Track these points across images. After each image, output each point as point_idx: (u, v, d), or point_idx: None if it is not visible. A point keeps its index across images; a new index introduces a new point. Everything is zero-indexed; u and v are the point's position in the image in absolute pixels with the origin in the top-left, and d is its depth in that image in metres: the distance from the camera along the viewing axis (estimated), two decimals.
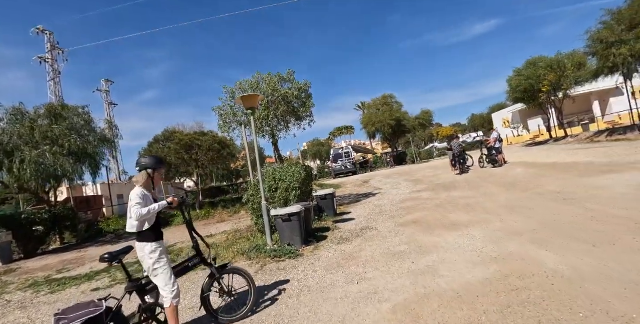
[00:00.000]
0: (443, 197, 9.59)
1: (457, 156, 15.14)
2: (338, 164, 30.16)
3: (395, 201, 10.66)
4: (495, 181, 10.73)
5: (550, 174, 10.07)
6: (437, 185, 12.50)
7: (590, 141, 19.42)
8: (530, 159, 15.85)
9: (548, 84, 20.49)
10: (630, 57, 15.56)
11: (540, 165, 12.77)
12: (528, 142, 30.17)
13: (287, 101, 10.27)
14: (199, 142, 15.45)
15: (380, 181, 19.07)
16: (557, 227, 4.90)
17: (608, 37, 16.49)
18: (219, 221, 15.73)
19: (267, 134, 10.57)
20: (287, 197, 8.36)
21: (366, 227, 7.42)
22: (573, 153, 14.99)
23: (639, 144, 14.35)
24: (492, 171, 13.61)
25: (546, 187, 8.17)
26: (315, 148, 65.90)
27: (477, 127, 63.45)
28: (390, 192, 13.24)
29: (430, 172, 18.66)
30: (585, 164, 10.97)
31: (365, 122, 35.76)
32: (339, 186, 20.53)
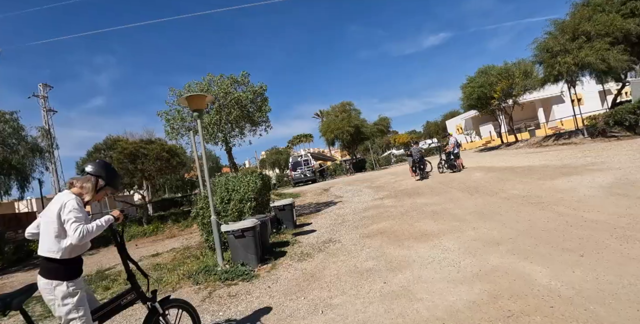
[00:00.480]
0: (407, 204, 9.21)
1: (417, 161, 15.02)
2: (297, 172, 29.46)
3: (358, 209, 10.16)
4: (458, 186, 10.56)
5: (510, 178, 10.03)
6: (400, 191, 12.19)
7: (539, 146, 20.23)
8: (486, 163, 16.09)
9: (499, 90, 21.23)
10: (574, 66, 16.34)
11: (497, 169, 12.86)
12: (481, 148, 31.23)
13: (240, 105, 9.48)
14: (145, 150, 14.10)
15: (341, 188, 18.61)
16: (535, 234, 4.55)
17: (553, 46, 17.28)
18: (168, 237, 14.46)
19: (220, 140, 9.68)
20: (241, 209, 7.56)
21: (329, 240, 6.79)
22: (526, 157, 15.37)
23: (584, 147, 15.00)
24: (452, 176, 13.55)
25: (511, 191, 8.00)
26: (274, 156, 64.84)
27: (432, 134, 65.52)
28: (351, 200, 12.75)
29: (391, 178, 18.49)
30: (541, 167, 11.11)
31: (324, 130, 35.45)
32: (298, 194, 19.85)
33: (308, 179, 29.66)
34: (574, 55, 16.39)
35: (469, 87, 23.05)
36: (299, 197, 18.05)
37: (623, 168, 7.85)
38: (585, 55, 16.06)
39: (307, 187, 25.09)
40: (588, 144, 16.14)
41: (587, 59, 15.99)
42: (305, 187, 25.37)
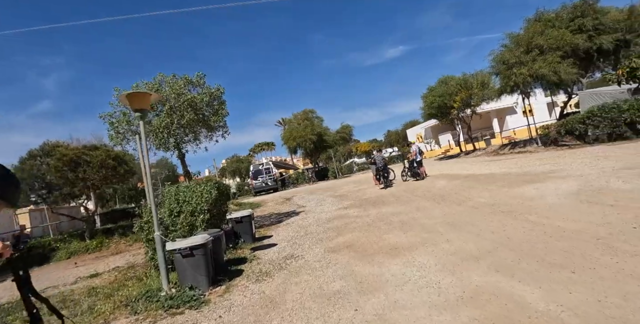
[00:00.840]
0: (373, 214, 8.78)
1: (380, 169, 14.79)
2: (258, 181, 28.55)
3: (322, 219, 9.61)
4: (423, 194, 10.31)
5: (475, 186, 9.92)
6: (364, 200, 11.79)
7: (496, 154, 20.79)
8: (448, 171, 16.16)
9: (459, 100, 21.72)
10: (529, 77, 16.94)
11: (460, 176, 12.84)
12: (440, 156, 31.90)
13: (195, 108, 8.69)
14: (87, 157, 12.74)
15: (304, 197, 18.03)
16: (514, 246, 4.20)
17: (509, 58, 17.87)
18: (114, 253, 13.14)
19: (172, 146, 8.81)
20: (192, 223, 6.77)
21: (291, 256, 6.17)
22: (486, 165, 15.59)
23: (539, 155, 15.45)
24: (415, 184, 13.39)
25: (477, 200, 7.79)
26: (235, 165, 63.15)
27: (393, 142, 66.80)
28: (315, 209, 12.19)
29: (354, 187, 18.16)
30: (503, 174, 11.14)
31: (286, 137, 34.85)
32: (259, 204, 19.03)
33: (269, 187, 28.84)
34: (528, 67, 17.01)
35: (430, 97, 23.46)
36: (260, 207, 17.26)
37: (584, 175, 7.88)
38: (539, 67, 16.71)
39: (268, 197, 24.25)
40: (542, 153, 16.68)
41: (540, 71, 16.64)
42: (267, 197, 24.53)
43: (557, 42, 17.25)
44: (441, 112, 23.82)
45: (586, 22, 18.47)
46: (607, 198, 5.56)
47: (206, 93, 9.19)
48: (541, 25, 18.45)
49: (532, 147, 19.19)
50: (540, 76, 16.79)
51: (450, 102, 22.23)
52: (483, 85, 21.61)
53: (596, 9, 18.77)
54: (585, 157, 11.30)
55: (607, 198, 5.56)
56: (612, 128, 14.57)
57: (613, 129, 14.56)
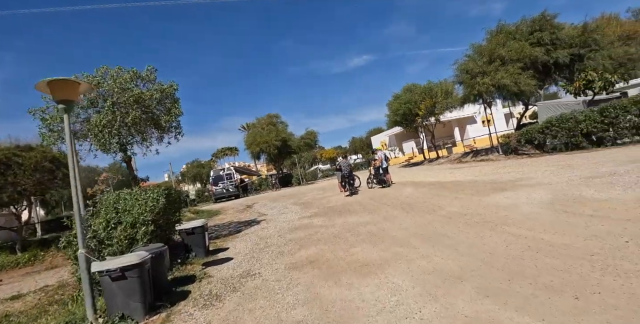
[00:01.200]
0: (339, 223, 8.19)
1: (346, 176, 14.31)
2: (219, 187, 27.29)
3: (284, 229, 8.89)
4: (391, 203, 9.87)
5: (443, 194, 9.61)
6: (329, 209, 11.20)
7: (459, 162, 21.01)
8: (414, 178, 15.97)
9: (423, 108, 21.85)
10: (492, 87, 17.22)
11: (427, 184, 12.59)
12: (404, 163, 32.10)
13: (143, 105, 7.75)
14: (19, 159, 11.19)
15: (266, 205, 17.19)
16: (500, 264, 3.72)
17: (473, 68, 18.13)
18: (48, 268, 11.65)
19: (114, 147, 7.76)
20: (132, 236, 5.84)
21: (247, 273, 5.41)
22: (450, 172, 15.54)
23: (501, 163, 15.62)
24: (382, 192, 12.99)
25: (448, 209, 7.41)
26: (195, 170, 60.84)
27: (357, 149, 67.15)
28: (277, 218, 11.44)
29: (319, 194, 17.57)
30: (469, 182, 10.97)
31: (249, 142, 33.80)
32: (219, 212, 17.96)
33: (231, 194, 27.66)
34: (491, 76, 17.29)
35: (395, 104, 23.48)
36: (219, 215, 16.23)
37: (553, 184, 7.73)
38: (501, 77, 17.02)
39: (229, 204, 23.12)
40: (504, 161, 16.92)
41: (502, 81, 16.95)
42: (227, 204, 23.39)
43: (518, 54, 17.71)
44: (406, 119, 23.91)
45: (544, 36, 19.14)
46: (584, 208, 5.29)
47: (157, 89, 8.26)
48: (503, 37, 18.94)
49: (493, 155, 19.52)
50: (502, 86, 17.12)
51: (415, 109, 22.32)
52: (447, 94, 21.88)
53: (553, 24, 19.54)
54: (548, 166, 11.38)
55: (584, 208, 5.29)
56: (569, 138, 14.98)
57: (570, 139, 14.98)
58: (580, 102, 16.55)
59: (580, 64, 19.45)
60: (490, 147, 21.45)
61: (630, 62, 19.34)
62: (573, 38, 19.54)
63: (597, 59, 18.52)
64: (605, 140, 14.01)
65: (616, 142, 13.94)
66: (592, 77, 14.94)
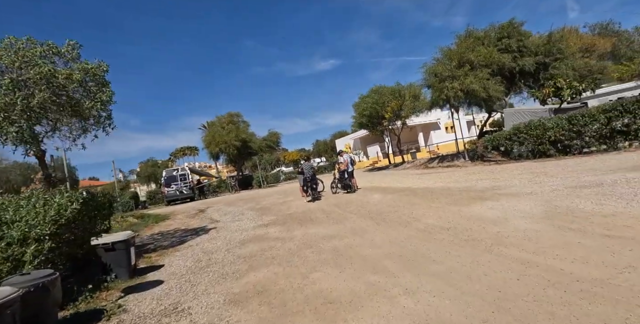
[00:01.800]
0: (299, 236, 6.99)
1: (308, 180, 13.13)
2: (171, 189, 25.20)
3: (234, 241, 7.56)
4: (358, 211, 8.81)
5: (415, 202, 8.67)
6: (289, 216, 9.98)
7: (425, 167, 20.48)
8: (380, 183, 15.10)
9: (390, 110, 21.17)
10: (460, 91, 16.75)
11: (395, 190, 11.69)
12: (369, 168, 31.48)
13: (55, 86, 6.16)
14: None
15: (220, 209, 15.65)
16: (519, 310, 2.67)
17: (442, 71, 17.62)
18: None
19: (12, 137, 6.05)
20: (18, 257, 4.32)
21: (174, 307, 4.07)
22: (419, 178, 14.81)
23: (470, 170, 15.11)
24: (347, 198, 11.94)
25: (425, 220, 6.43)
26: (150, 169, 57.34)
27: (321, 152, 66.38)
28: (229, 226, 10.06)
29: (279, 198, 16.29)
30: (442, 189, 10.16)
31: (208, 141, 31.85)
32: (167, 216, 16.16)
33: (185, 196, 25.65)
34: (460, 81, 16.84)
35: (362, 104, 22.67)
36: (166, 221, 14.50)
37: (538, 193, 6.97)
38: (470, 82, 16.60)
39: (181, 207, 21.23)
40: (471, 167, 16.47)
41: (472, 86, 16.53)
42: (179, 207, 21.49)
43: (486, 59, 17.41)
44: (372, 121, 23.17)
45: (512, 43, 19.06)
46: (592, 226, 4.43)
47: (80, 69, 6.67)
48: (472, 42, 18.65)
49: (459, 161, 19.13)
50: (471, 91, 16.71)
51: (382, 111, 21.62)
52: (415, 97, 21.35)
53: (520, 32, 19.54)
54: (522, 173, 10.81)
55: (592, 226, 4.43)
56: (537, 145, 14.71)
57: (537, 146, 14.71)
58: (547, 109, 16.45)
59: (545, 73, 19.56)
60: (455, 153, 21.14)
61: (590, 74, 19.72)
62: (538, 47, 19.63)
63: (562, 69, 18.64)
64: (572, 148, 13.81)
65: (582, 150, 13.79)
66: (561, 85, 14.80)
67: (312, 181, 13.11)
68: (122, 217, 15.35)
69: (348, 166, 13.65)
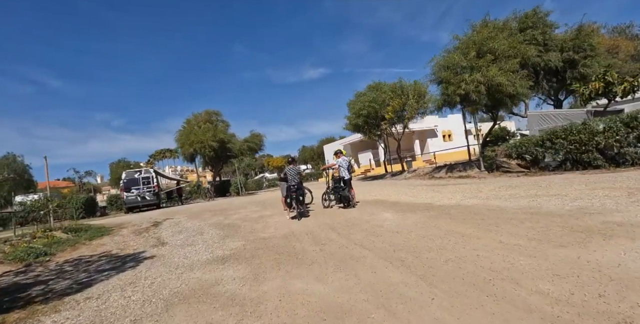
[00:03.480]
0: (271, 299, 3.71)
1: (293, 189, 9.83)
2: (132, 194, 21.47)
3: (159, 297, 4.25)
4: (372, 243, 5.58)
5: (463, 231, 5.49)
6: (262, 243, 6.69)
7: (431, 177, 17.44)
8: (385, 196, 11.95)
9: (392, 110, 18.09)
10: (482, 85, 13.81)
11: (413, 207, 8.55)
12: (361, 176, 28.35)
13: None
14: None
15: (179, 223, 12.19)
16: None
17: (459, 61, 14.70)
18: None
19: None
20: None
21: None
22: (435, 191, 11.71)
23: (499, 181, 12.10)
24: (346, 216, 8.73)
25: (529, 283, 3.26)
26: (121, 171, 52.77)
27: (307, 159, 63.09)
28: (172, 256, 6.70)
29: (255, 210, 12.97)
30: (488, 209, 7.04)
31: (182, 141, 28.27)
32: (110, 230, 12.56)
33: (148, 203, 21.97)
34: (482, 73, 13.93)
35: (358, 103, 19.53)
36: (104, 238, 10.95)
37: None
38: (494, 74, 13.70)
39: (138, 217, 17.57)
40: (493, 178, 13.48)
41: (497, 79, 13.62)
42: (136, 217, 17.81)
43: (511, 49, 14.59)
44: (369, 123, 20.03)
45: (537, 35, 16.35)
46: None
47: None
48: (491, 31, 15.85)
49: (473, 171, 16.17)
50: (495, 85, 13.80)
51: (381, 111, 18.55)
52: (419, 95, 18.37)
53: (546, 23, 16.88)
54: (592, 188, 7.80)
55: None
56: (580, 153, 11.82)
57: (580, 154, 11.82)
58: (584, 112, 13.65)
59: (572, 71, 16.90)
60: (467, 162, 18.19)
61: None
62: (565, 42, 16.99)
63: (594, 67, 15.98)
64: (627, 157, 10.95)
65: (637, 162, 10.95)
66: (613, 79, 11.99)
67: (298, 190, 9.84)
68: (48, 230, 11.67)
69: (344, 173, 10.49)
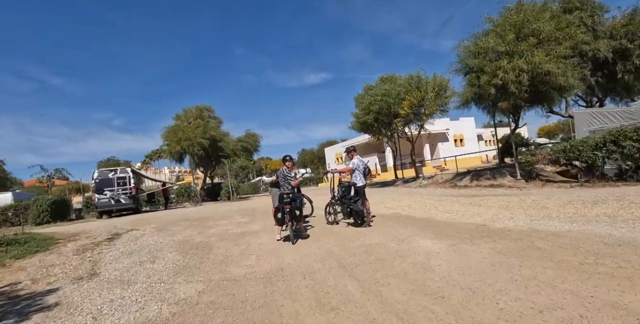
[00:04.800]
0: None
1: (286, 200, 7.03)
2: (105, 196, 18.68)
3: None
4: (427, 316, 2.85)
5: (588, 289, 2.78)
6: (227, 295, 3.94)
7: (454, 186, 14.69)
8: (403, 208, 9.22)
9: (408, 105, 15.37)
10: (525, 74, 11.11)
11: (454, 229, 5.82)
12: None
13: None
14: None
15: (138, 239, 9.42)
16: None
17: (495, 46, 12.02)
18: None
19: None
20: None
21: None
22: (470, 203, 8.99)
23: (549, 192, 9.41)
24: (361, 240, 6.00)
25: None
26: None
27: (307, 163, 60.34)
28: (72, 317, 3.96)
29: (241, 222, 10.24)
30: (596, 240, 4.34)
31: (170, 138, 25.49)
32: (51, 244, 9.78)
33: (124, 207, 19.19)
34: (526, 59, 11.25)
35: (368, 97, 16.80)
36: (38, 254, 8.19)
37: None
38: (541, 60, 11.03)
39: (104, 224, 14.74)
40: (540, 189, 10.75)
41: (545, 67, 10.94)
42: (102, 224, 14.97)
43: (559, 31, 11.92)
44: (380, 121, 17.27)
45: (585, 18, 13.71)
46: None
47: None
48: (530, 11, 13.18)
49: (505, 179, 13.44)
50: (542, 74, 11.12)
51: (396, 106, 15.84)
52: (440, 89, 15.66)
53: (595, 4, 14.25)
54: None
55: None
56: None
57: None
58: None
59: (625, 63, 14.25)
60: (494, 168, 15.48)
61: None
62: (616, 28, 14.34)
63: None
64: None
65: None
66: None
67: (294, 201, 7.08)
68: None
69: (356, 177, 7.80)
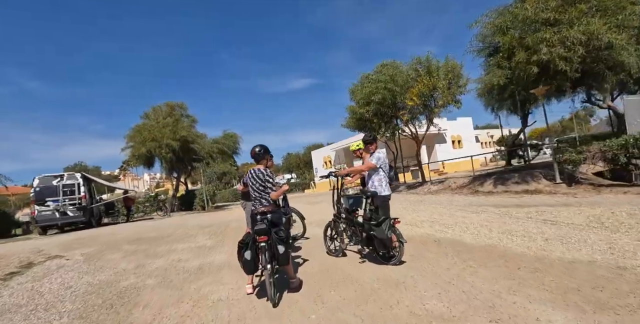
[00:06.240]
0: None
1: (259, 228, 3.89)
2: (47, 208, 15.27)
3: None
4: None
5: None
6: None
7: (474, 192, 11.96)
8: (429, 225, 6.39)
9: (417, 94, 12.62)
10: (581, 47, 8.53)
11: (556, 273, 3.03)
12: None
13: None
14: None
15: (42, 279, 6.30)
16: None
17: (531, 16, 9.44)
18: None
19: None
20: None
21: None
22: (528, 217, 6.25)
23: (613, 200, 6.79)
24: (402, 300, 3.11)
25: None
26: None
27: (293, 168, 57.28)
28: None
29: (203, 248, 7.24)
30: None
31: (134, 139, 22.20)
32: None
33: (71, 220, 15.83)
34: (579, 28, 8.68)
35: (367, 86, 13.99)
36: None
37: None
38: (600, 30, 8.47)
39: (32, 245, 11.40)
40: (597, 196, 8.09)
41: (606, 37, 8.39)
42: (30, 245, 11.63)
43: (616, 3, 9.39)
44: (381, 114, 14.43)
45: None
46: None
47: None
48: None
49: (540, 184, 10.81)
50: (600, 48, 8.58)
51: (401, 95, 13.09)
52: (454, 76, 12.98)
53: None
54: None
55: None
56: None
57: None
58: None
59: None
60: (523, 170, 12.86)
61: None
62: None
63: None
64: None
65: None
66: None
67: (274, 226, 4.07)
68: None
69: (378, 184, 4.91)
